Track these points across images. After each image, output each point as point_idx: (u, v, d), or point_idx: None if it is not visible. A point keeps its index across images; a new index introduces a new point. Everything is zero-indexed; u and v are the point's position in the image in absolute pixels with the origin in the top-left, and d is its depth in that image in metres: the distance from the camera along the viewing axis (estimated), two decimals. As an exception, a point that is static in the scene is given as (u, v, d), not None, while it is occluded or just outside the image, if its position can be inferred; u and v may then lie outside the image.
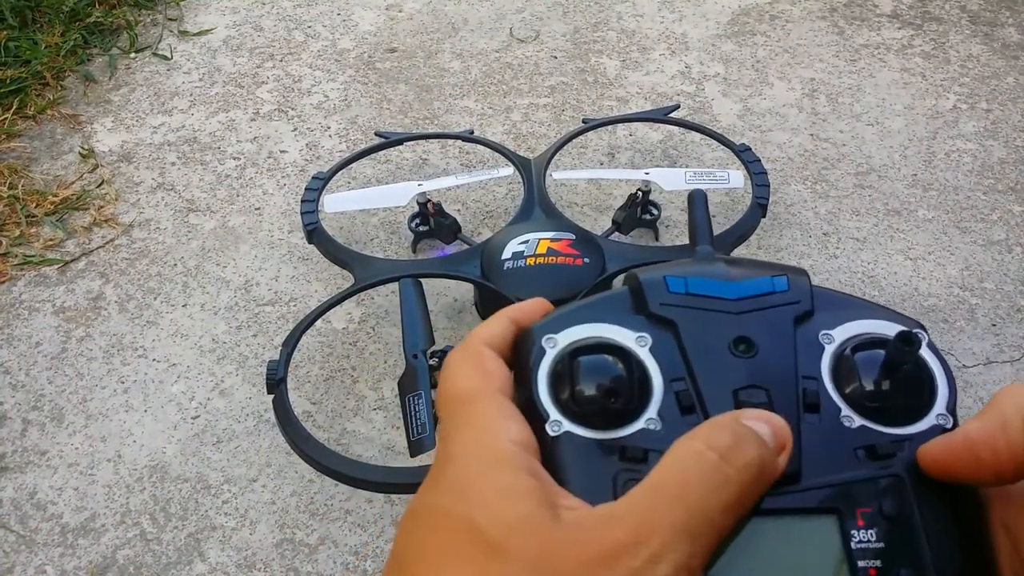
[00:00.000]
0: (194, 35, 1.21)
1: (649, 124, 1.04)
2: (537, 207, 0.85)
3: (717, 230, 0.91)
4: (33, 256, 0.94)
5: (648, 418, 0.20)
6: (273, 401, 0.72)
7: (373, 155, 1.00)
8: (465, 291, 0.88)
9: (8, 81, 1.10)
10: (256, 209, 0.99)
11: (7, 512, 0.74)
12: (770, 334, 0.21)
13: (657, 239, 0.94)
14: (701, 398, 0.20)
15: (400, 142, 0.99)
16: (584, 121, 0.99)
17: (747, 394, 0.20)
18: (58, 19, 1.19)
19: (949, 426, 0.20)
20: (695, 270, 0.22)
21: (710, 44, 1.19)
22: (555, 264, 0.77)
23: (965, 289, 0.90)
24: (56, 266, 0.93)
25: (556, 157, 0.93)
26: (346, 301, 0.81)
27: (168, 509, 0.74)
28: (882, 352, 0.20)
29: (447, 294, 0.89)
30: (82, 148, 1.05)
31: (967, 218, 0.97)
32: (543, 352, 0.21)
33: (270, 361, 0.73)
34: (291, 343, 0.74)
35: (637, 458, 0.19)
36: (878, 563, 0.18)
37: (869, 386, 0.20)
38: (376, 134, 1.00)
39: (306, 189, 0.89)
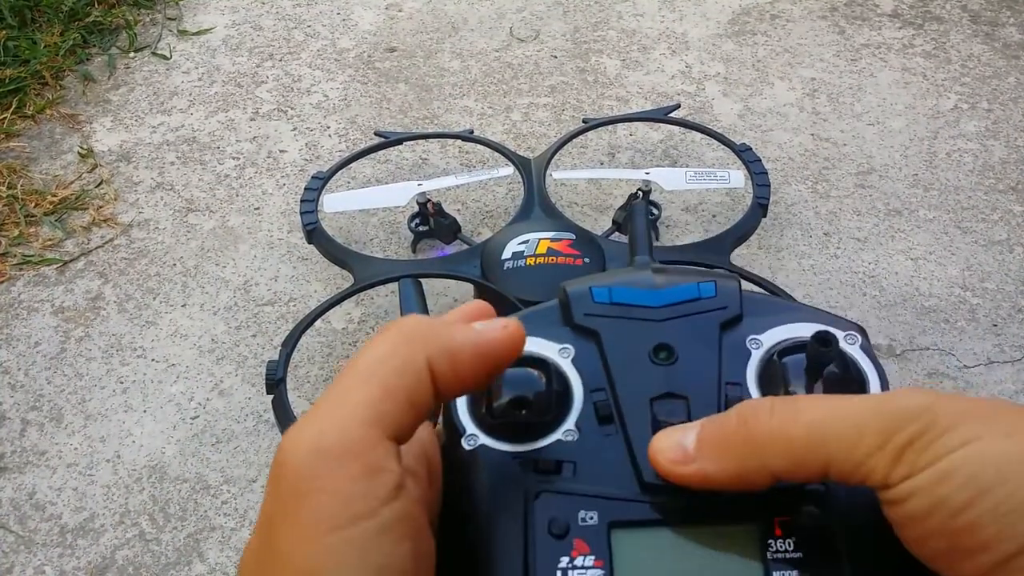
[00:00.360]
0: (193, 34, 1.21)
1: (649, 124, 1.04)
2: (537, 207, 0.85)
3: (717, 230, 0.91)
4: (32, 256, 0.94)
5: (566, 429, 0.20)
6: (272, 401, 0.72)
7: (373, 155, 1.00)
8: (465, 291, 0.88)
9: (7, 81, 1.10)
10: (255, 209, 0.99)
11: (6, 512, 0.74)
12: (693, 341, 0.20)
13: (658, 239, 0.94)
14: (619, 408, 0.20)
15: (400, 142, 0.98)
16: (584, 121, 0.99)
17: (664, 402, 0.19)
18: (57, 18, 1.19)
19: None
20: (621, 280, 0.22)
21: (711, 44, 1.19)
22: (555, 264, 0.77)
23: (966, 289, 0.90)
24: (55, 266, 0.93)
25: (556, 157, 0.93)
26: (346, 301, 0.81)
27: (167, 510, 0.73)
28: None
29: (447, 294, 0.89)
30: (81, 148, 1.05)
31: (968, 218, 0.97)
32: None
33: (269, 361, 0.72)
34: (290, 343, 0.74)
35: (549, 470, 0.19)
36: (794, 573, 0.18)
37: (794, 390, 0.19)
38: (376, 134, 1.00)
39: (305, 189, 0.89)
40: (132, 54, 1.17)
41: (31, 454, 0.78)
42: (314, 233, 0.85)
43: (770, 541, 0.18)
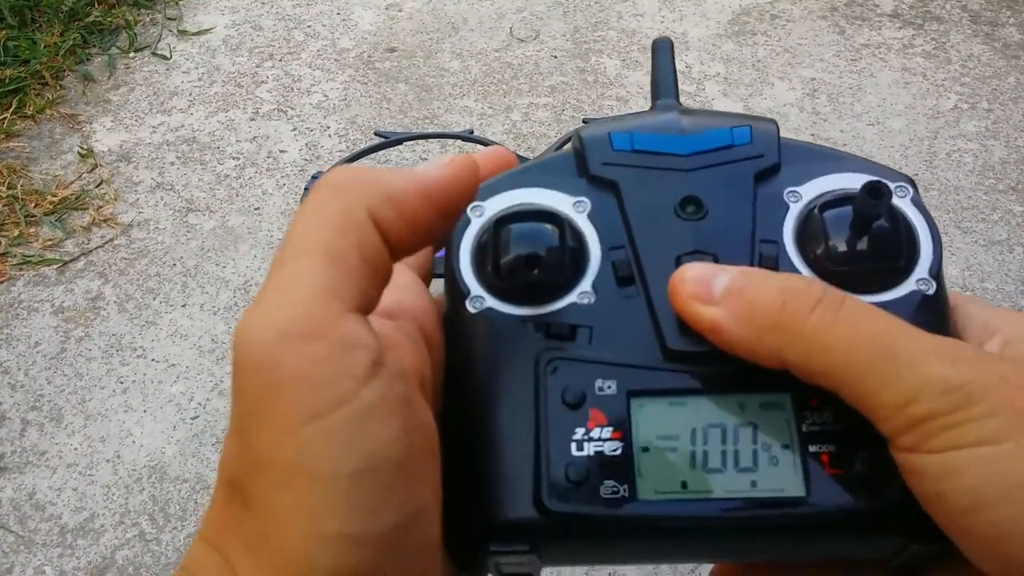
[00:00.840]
0: (193, 34, 1.21)
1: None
2: (537, 207, 0.85)
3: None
4: (32, 256, 0.94)
5: (581, 291, 0.18)
6: (273, 401, 0.72)
7: (372, 155, 1.00)
8: (465, 291, 0.88)
9: (7, 81, 1.10)
10: (255, 209, 0.98)
11: (6, 512, 0.73)
12: (725, 193, 0.18)
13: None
14: (640, 267, 0.18)
15: (400, 142, 0.98)
16: (584, 121, 0.99)
17: (691, 259, 0.17)
18: (57, 19, 1.19)
19: (931, 292, 0.17)
20: (645, 123, 0.19)
21: (711, 44, 1.19)
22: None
23: (966, 289, 0.90)
24: (55, 266, 0.93)
25: (556, 157, 0.93)
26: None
27: (167, 510, 0.73)
28: (851, 208, 0.17)
29: (447, 294, 0.89)
30: (81, 148, 1.05)
31: (968, 218, 0.97)
32: (467, 222, 0.18)
33: (270, 361, 0.72)
34: (291, 343, 0.74)
35: (563, 335, 0.17)
36: (831, 447, 0.16)
37: (836, 247, 0.17)
38: (376, 134, 1.00)
39: (305, 189, 0.89)
40: (132, 54, 1.17)
41: (31, 454, 0.77)
42: (314, 233, 0.85)
43: (805, 412, 0.16)
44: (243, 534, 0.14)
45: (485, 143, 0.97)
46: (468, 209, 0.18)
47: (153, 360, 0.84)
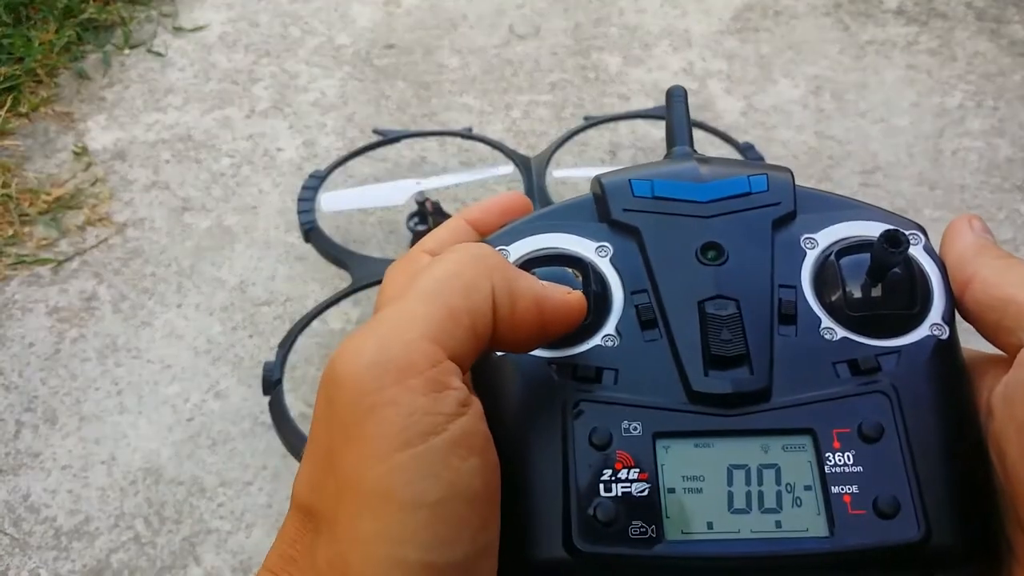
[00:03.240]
0: (189, 31, 1.19)
1: (651, 121, 1.03)
2: (537, 206, 0.84)
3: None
4: (26, 256, 0.93)
5: (605, 334, 0.18)
6: (269, 403, 0.71)
7: (371, 153, 0.99)
8: (464, 291, 0.87)
9: (1, 78, 1.09)
10: (252, 208, 0.98)
11: (0, 515, 0.73)
12: (744, 239, 0.19)
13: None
14: (663, 311, 0.18)
15: (398, 140, 0.97)
16: (585, 118, 0.98)
17: (714, 305, 0.18)
18: (52, 15, 1.17)
19: (945, 337, 0.18)
20: (663, 171, 0.20)
21: (713, 40, 1.18)
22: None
23: (972, 289, 0.89)
24: (49, 266, 0.92)
25: (557, 155, 0.92)
26: (343, 301, 0.80)
27: (163, 512, 0.73)
28: (868, 256, 0.18)
29: (446, 294, 0.88)
30: (75, 146, 1.04)
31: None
32: None
33: (266, 362, 0.72)
34: (287, 344, 0.73)
35: (589, 377, 0.18)
36: (854, 488, 0.17)
37: (852, 293, 0.18)
38: (374, 132, 0.99)
39: (303, 188, 0.88)
40: (127, 51, 1.16)
41: (25, 456, 0.77)
42: (311, 232, 0.84)
43: (828, 454, 0.17)
44: (315, 562, 0.14)
45: (485, 141, 0.96)
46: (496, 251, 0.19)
47: (148, 361, 0.84)
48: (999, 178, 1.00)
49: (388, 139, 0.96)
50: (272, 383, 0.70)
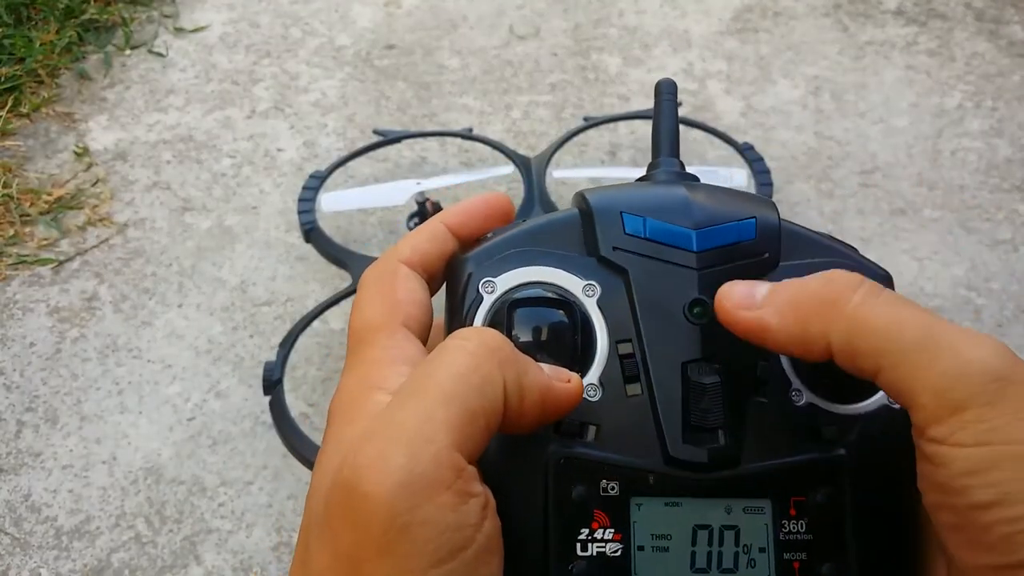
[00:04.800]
0: (190, 32, 1.20)
1: (651, 122, 1.03)
2: (537, 206, 0.84)
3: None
4: (27, 256, 0.93)
5: (589, 383, 0.18)
6: (270, 403, 0.71)
7: (371, 153, 0.99)
8: (464, 291, 0.87)
9: (2, 79, 1.09)
10: (253, 208, 0.98)
11: (1, 514, 0.73)
12: None
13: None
14: (647, 367, 0.18)
15: (398, 140, 0.98)
16: (585, 119, 0.98)
17: (697, 370, 0.18)
18: (53, 16, 1.18)
19: (897, 406, 0.18)
20: (655, 204, 0.20)
21: (713, 41, 1.18)
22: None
23: (971, 289, 0.89)
24: (50, 266, 0.92)
25: (557, 155, 0.92)
26: (344, 301, 0.80)
27: (163, 512, 0.73)
28: None
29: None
30: (76, 146, 1.04)
31: (973, 217, 0.96)
32: (480, 300, 0.19)
33: (267, 362, 0.72)
34: (288, 344, 0.73)
35: (572, 432, 0.18)
36: (803, 556, 0.17)
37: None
38: (374, 132, 0.99)
39: (303, 188, 0.88)
40: (128, 52, 1.16)
41: (26, 455, 0.77)
42: (312, 232, 0.84)
43: (784, 521, 0.18)
44: None
45: (485, 141, 0.96)
46: (479, 284, 0.19)
47: (149, 361, 0.84)
48: (998, 178, 1.01)
49: (388, 139, 0.96)
50: (273, 383, 0.70)
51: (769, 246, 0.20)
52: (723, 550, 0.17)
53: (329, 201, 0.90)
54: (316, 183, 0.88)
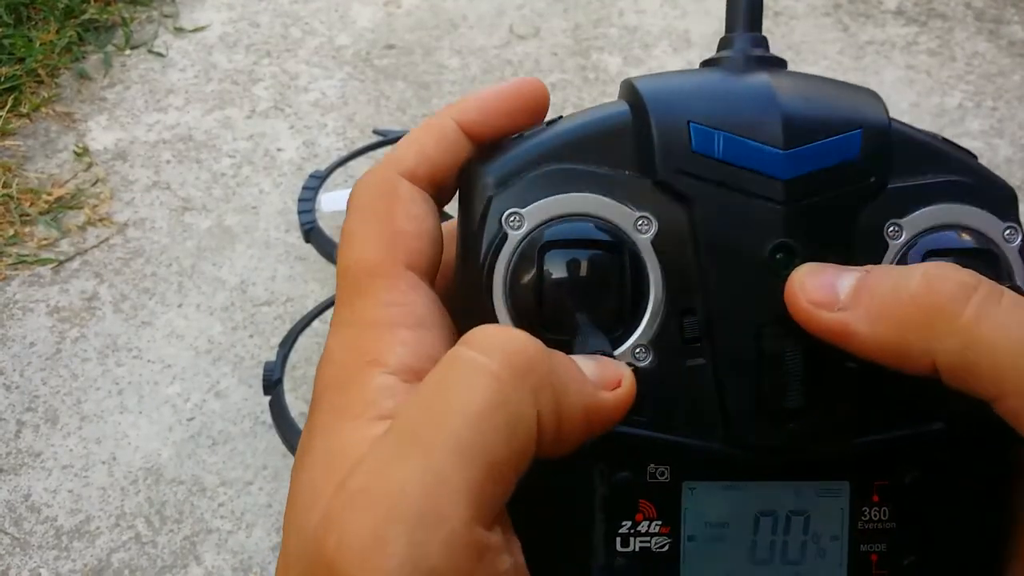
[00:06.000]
0: (190, 32, 1.20)
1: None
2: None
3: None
4: (27, 256, 0.93)
5: (636, 345, 0.14)
6: (270, 403, 0.71)
7: (371, 153, 0.99)
8: (464, 291, 0.87)
9: (2, 79, 1.09)
10: (252, 208, 0.98)
11: (1, 514, 0.73)
12: (822, 237, 0.15)
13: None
14: (711, 328, 0.14)
15: (398, 140, 0.97)
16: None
17: (775, 336, 0.14)
18: (53, 16, 1.18)
19: None
20: (732, 110, 0.15)
21: (713, 40, 1.17)
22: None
23: (971, 289, 0.89)
24: (50, 266, 0.92)
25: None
26: (343, 301, 0.80)
27: (163, 512, 0.73)
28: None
29: (446, 294, 0.88)
30: (76, 146, 1.04)
31: (973, 217, 0.96)
32: (504, 238, 0.14)
33: (266, 362, 0.72)
34: (288, 344, 0.73)
35: None
36: (883, 547, 0.15)
37: None
38: (374, 132, 0.99)
39: (303, 188, 0.88)
40: (128, 52, 1.16)
41: (26, 455, 0.77)
42: (312, 232, 0.84)
43: (863, 507, 0.15)
44: None
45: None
46: (503, 217, 0.15)
47: (149, 361, 0.84)
48: (998, 178, 1.01)
49: (388, 139, 0.96)
50: (272, 383, 0.70)
51: (875, 166, 0.15)
52: (788, 539, 0.14)
53: (329, 201, 0.90)
54: (316, 183, 0.88)
